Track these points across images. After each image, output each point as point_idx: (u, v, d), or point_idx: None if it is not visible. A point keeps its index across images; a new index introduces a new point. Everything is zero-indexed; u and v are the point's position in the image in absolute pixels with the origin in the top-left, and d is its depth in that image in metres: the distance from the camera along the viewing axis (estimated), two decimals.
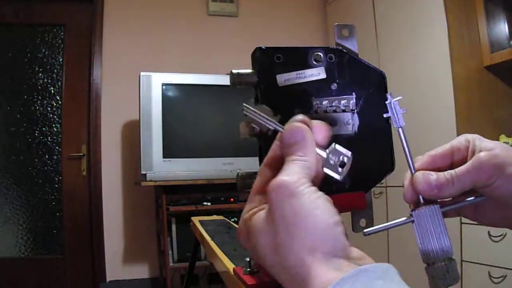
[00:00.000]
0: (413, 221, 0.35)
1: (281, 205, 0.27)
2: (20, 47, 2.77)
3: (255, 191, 0.33)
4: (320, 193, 0.28)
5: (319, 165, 0.32)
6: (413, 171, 0.37)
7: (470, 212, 0.41)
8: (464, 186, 0.35)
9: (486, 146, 0.36)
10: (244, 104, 0.34)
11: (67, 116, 2.79)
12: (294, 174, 0.28)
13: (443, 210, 0.35)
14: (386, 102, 0.37)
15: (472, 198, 0.37)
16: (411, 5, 2.28)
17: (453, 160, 0.39)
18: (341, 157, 0.32)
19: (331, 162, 0.32)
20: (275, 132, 0.33)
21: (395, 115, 0.37)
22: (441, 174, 0.36)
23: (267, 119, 0.34)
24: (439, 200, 0.36)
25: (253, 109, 0.34)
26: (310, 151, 0.30)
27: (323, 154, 0.32)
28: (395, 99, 0.37)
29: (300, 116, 0.32)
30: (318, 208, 0.27)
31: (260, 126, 0.34)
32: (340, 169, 0.32)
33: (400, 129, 0.37)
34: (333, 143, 0.33)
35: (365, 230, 0.36)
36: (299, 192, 0.27)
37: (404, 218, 0.36)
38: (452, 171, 0.36)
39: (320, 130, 0.33)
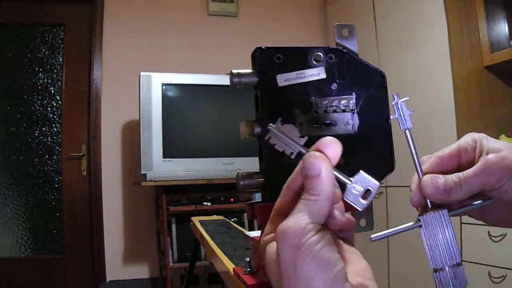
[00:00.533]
0: (420, 226, 0.35)
1: (284, 254, 0.27)
2: (20, 47, 2.77)
3: (277, 212, 0.32)
4: (324, 240, 0.27)
5: (340, 192, 0.31)
6: (420, 175, 0.36)
7: (476, 213, 0.40)
8: (472, 190, 0.35)
9: (493, 146, 0.36)
10: (270, 124, 0.32)
11: (67, 116, 2.79)
12: (302, 219, 0.28)
13: (450, 214, 0.34)
14: (393, 103, 0.36)
15: (480, 201, 0.36)
16: (411, 5, 2.27)
17: (460, 161, 0.38)
18: (366, 186, 0.30)
19: (354, 191, 0.30)
20: (300, 154, 0.32)
21: (402, 116, 0.35)
22: (449, 177, 0.35)
23: (292, 140, 0.32)
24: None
25: (278, 130, 0.32)
26: (325, 187, 0.28)
27: (348, 182, 0.31)
28: (401, 100, 0.36)
29: (327, 140, 0.30)
30: (318, 264, 0.26)
31: (284, 149, 0.32)
32: (362, 201, 0.30)
33: (407, 131, 0.35)
34: (360, 170, 0.31)
35: (372, 236, 0.35)
36: (302, 244, 0.27)
37: (411, 223, 0.35)
38: (460, 174, 0.35)
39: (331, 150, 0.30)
